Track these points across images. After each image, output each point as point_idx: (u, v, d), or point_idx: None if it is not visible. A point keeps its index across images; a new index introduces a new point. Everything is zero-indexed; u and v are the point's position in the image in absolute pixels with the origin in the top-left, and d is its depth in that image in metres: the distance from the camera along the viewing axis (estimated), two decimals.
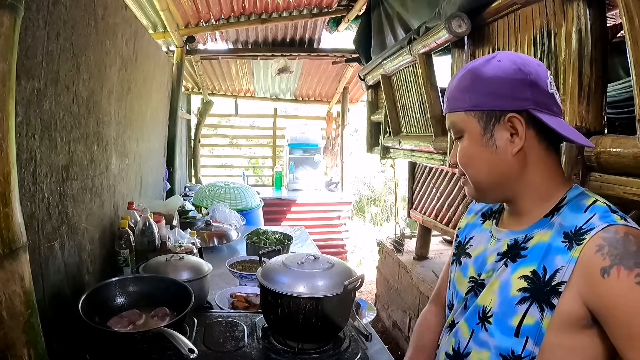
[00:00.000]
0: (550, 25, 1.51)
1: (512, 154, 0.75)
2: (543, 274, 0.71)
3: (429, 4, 2.45)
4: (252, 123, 7.31)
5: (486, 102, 0.76)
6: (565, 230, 0.71)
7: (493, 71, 0.75)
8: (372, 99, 3.83)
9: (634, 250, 0.64)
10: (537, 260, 0.73)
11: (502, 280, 0.76)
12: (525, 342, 0.72)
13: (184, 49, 4.02)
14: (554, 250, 0.71)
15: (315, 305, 1.24)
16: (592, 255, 0.66)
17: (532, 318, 0.71)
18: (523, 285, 0.73)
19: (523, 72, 0.74)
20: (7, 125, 0.83)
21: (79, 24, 1.40)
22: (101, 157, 1.71)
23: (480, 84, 0.76)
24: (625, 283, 0.63)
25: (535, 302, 0.71)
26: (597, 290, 0.66)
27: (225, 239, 2.54)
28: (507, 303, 0.74)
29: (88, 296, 1.28)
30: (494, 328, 0.76)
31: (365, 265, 5.55)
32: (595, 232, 0.68)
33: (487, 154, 0.77)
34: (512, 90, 0.74)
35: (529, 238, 0.76)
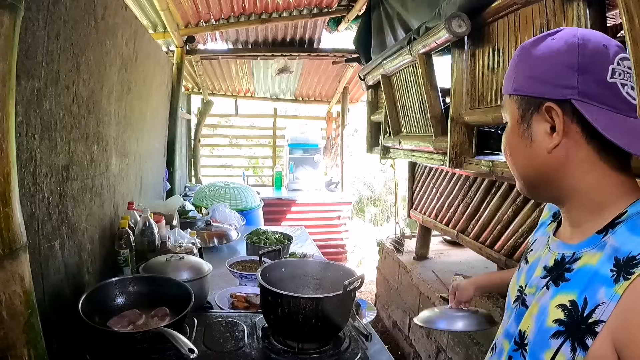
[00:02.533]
0: (550, 25, 1.51)
1: (547, 150, 0.64)
2: (582, 307, 0.58)
3: (429, 4, 2.45)
4: (252, 123, 7.31)
5: (527, 87, 0.66)
6: (618, 255, 0.57)
7: (542, 51, 0.65)
8: (372, 99, 3.83)
9: None
10: (580, 288, 0.60)
11: (541, 305, 0.66)
12: None
13: (184, 49, 4.02)
14: (600, 279, 0.58)
15: (315, 305, 1.24)
16: (636, 299, 0.53)
17: (563, 357, 0.59)
18: (559, 317, 0.61)
19: (574, 54, 0.62)
20: (7, 125, 0.83)
21: (79, 24, 1.40)
22: (101, 157, 1.71)
23: (525, 65, 0.67)
24: None
25: (570, 339, 0.59)
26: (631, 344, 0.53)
27: (225, 239, 2.54)
28: (542, 334, 0.63)
29: (88, 296, 1.28)
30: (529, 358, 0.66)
31: (365, 265, 5.55)
32: None
33: (523, 146, 0.68)
34: (555, 75, 0.63)
35: (576, 258, 0.64)
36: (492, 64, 1.90)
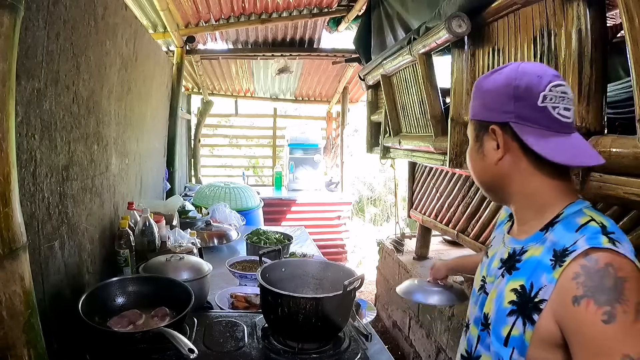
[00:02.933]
0: (550, 25, 1.51)
1: (494, 163, 0.81)
2: (530, 290, 0.74)
3: (429, 4, 2.45)
4: (252, 123, 7.32)
5: (479, 113, 0.84)
6: (555, 247, 0.73)
7: (488, 84, 0.82)
8: (372, 99, 3.82)
9: (609, 286, 0.65)
10: (527, 275, 0.76)
11: (499, 291, 0.81)
12: (512, 352, 0.76)
13: (184, 49, 4.02)
14: (542, 267, 0.73)
15: (315, 305, 1.24)
16: (569, 281, 0.68)
17: (517, 330, 0.74)
18: (512, 298, 0.76)
19: (511, 86, 0.78)
20: (7, 125, 0.83)
21: (79, 24, 1.40)
22: (101, 157, 1.71)
23: (478, 97, 0.84)
24: (593, 317, 0.65)
25: (521, 315, 0.74)
26: (567, 315, 0.68)
27: (225, 239, 2.54)
28: (500, 313, 0.78)
29: (88, 296, 1.28)
30: (492, 335, 0.80)
31: (365, 265, 5.55)
32: (576, 254, 0.69)
33: (479, 159, 0.85)
34: (498, 103, 0.79)
35: (524, 251, 0.80)
36: (492, 64, 1.90)
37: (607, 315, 0.64)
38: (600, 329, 0.64)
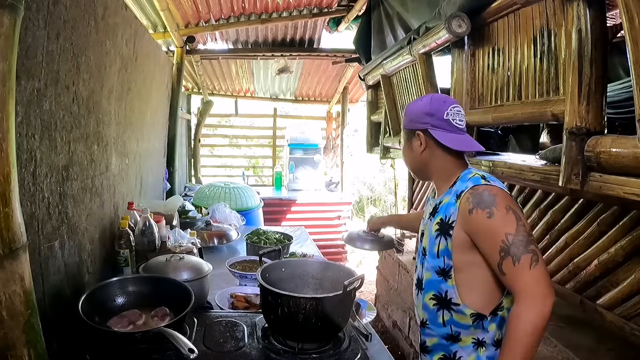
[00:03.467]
0: (550, 25, 1.51)
1: (420, 153, 1.27)
2: (445, 219, 1.17)
3: (429, 4, 2.45)
4: (252, 123, 7.32)
5: (408, 124, 1.29)
6: (456, 193, 1.17)
7: (412, 107, 1.30)
8: (372, 99, 3.83)
9: (486, 199, 1.10)
10: (443, 213, 1.19)
11: (428, 228, 1.25)
12: (443, 260, 1.17)
13: (184, 49, 4.02)
14: (450, 205, 1.17)
15: (315, 305, 1.24)
16: (464, 203, 1.13)
17: (442, 245, 1.17)
18: (437, 228, 1.20)
19: (425, 108, 1.24)
20: (7, 125, 0.83)
21: (79, 24, 1.40)
22: (101, 157, 1.71)
23: (407, 114, 1.30)
24: (481, 217, 1.09)
25: (443, 234, 1.17)
26: (467, 222, 1.12)
27: (225, 239, 2.54)
28: (431, 239, 1.22)
29: (88, 296, 1.28)
30: (428, 256, 1.23)
31: (365, 265, 5.55)
32: (467, 189, 1.14)
33: (410, 153, 1.31)
34: (419, 118, 1.25)
35: (440, 201, 1.23)
36: (492, 64, 1.90)
37: (488, 214, 1.08)
38: (487, 222, 1.08)
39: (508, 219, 1.06)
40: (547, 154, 1.67)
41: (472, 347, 1.16)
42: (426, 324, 1.24)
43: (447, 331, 1.18)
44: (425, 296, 1.23)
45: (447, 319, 1.17)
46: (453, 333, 1.17)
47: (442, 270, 1.17)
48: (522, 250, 1.03)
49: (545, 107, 1.53)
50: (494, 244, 1.06)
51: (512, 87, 1.75)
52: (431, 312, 1.21)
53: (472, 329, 1.15)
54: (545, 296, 1.01)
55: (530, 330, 1.00)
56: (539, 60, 1.58)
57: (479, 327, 1.14)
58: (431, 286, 1.20)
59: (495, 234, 1.06)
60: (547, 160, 1.66)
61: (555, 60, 1.49)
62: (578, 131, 1.33)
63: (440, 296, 1.18)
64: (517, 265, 1.03)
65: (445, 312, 1.18)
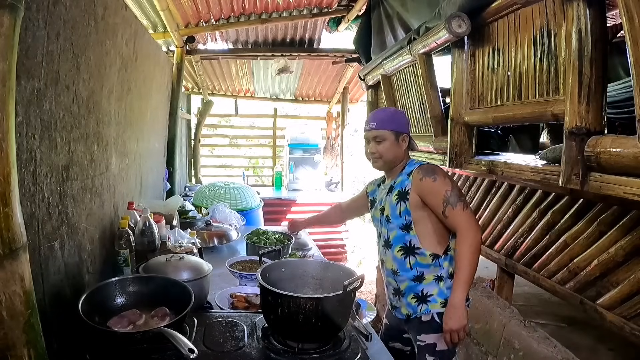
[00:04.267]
0: (550, 25, 1.51)
1: (403, 149, 1.67)
2: (403, 189, 1.60)
3: (429, 4, 2.45)
4: (252, 123, 7.32)
5: (398, 128, 1.66)
6: (407, 172, 1.62)
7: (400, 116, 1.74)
8: (372, 99, 3.83)
9: (431, 170, 1.57)
10: (399, 187, 1.62)
11: (388, 200, 1.65)
12: (405, 218, 1.59)
13: (184, 49, 4.02)
14: (404, 181, 1.61)
15: (315, 305, 1.24)
16: (416, 175, 1.58)
17: (402, 207, 1.59)
18: (396, 197, 1.61)
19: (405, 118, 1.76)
20: (7, 125, 0.83)
21: (79, 24, 1.40)
22: (101, 157, 1.71)
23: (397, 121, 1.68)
24: (429, 181, 1.55)
25: (402, 200, 1.59)
26: (419, 187, 1.56)
27: (225, 239, 2.54)
28: (392, 206, 1.62)
29: (88, 296, 1.28)
30: (392, 219, 1.63)
31: (365, 265, 5.55)
32: (417, 167, 1.61)
33: (396, 149, 1.66)
34: (405, 124, 1.70)
35: (395, 182, 1.65)
36: (492, 64, 1.90)
37: (433, 179, 1.54)
38: (433, 184, 1.54)
39: (446, 182, 1.54)
40: (547, 154, 1.67)
41: (434, 282, 1.58)
42: (397, 272, 1.62)
43: (414, 273, 1.58)
44: (394, 249, 1.62)
45: (413, 262, 1.58)
46: (418, 274, 1.58)
47: (405, 226, 1.59)
48: (456, 200, 1.51)
49: (545, 107, 1.53)
50: (438, 198, 1.52)
51: (512, 87, 1.75)
52: (400, 261, 1.61)
53: (432, 267, 1.57)
54: (476, 229, 1.51)
55: (472, 249, 1.48)
56: (539, 60, 1.58)
57: (437, 265, 1.57)
58: (398, 240, 1.61)
59: (439, 191, 1.52)
60: (547, 160, 1.66)
61: (555, 60, 1.49)
62: (578, 131, 1.33)
63: (406, 246, 1.59)
64: (455, 209, 1.50)
65: (411, 257, 1.59)
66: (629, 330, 1.56)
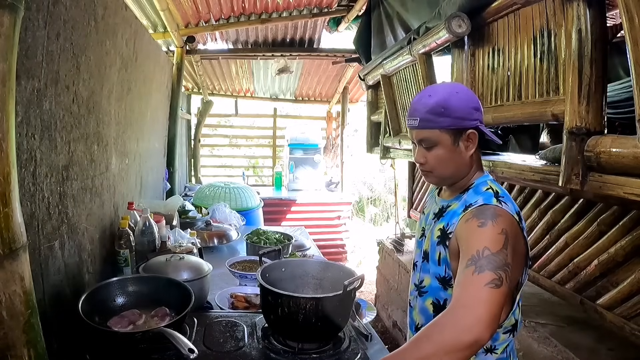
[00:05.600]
0: (550, 25, 1.51)
1: (468, 157, 1.12)
2: (446, 227, 1.12)
3: (429, 4, 2.45)
4: (252, 123, 7.31)
5: (455, 123, 1.08)
6: (465, 204, 1.10)
7: (458, 102, 1.08)
8: (372, 99, 3.83)
9: (488, 213, 1.02)
10: (446, 220, 1.13)
11: (431, 232, 1.18)
12: (444, 268, 1.12)
13: (184, 49, 4.02)
14: (455, 215, 1.10)
15: (315, 305, 1.24)
16: (467, 214, 1.06)
17: (442, 254, 1.12)
18: (438, 234, 1.14)
19: (473, 101, 1.11)
20: (7, 125, 0.83)
21: (79, 24, 1.40)
22: (101, 157, 1.71)
23: (451, 111, 1.07)
24: (473, 225, 1.02)
25: (442, 244, 1.12)
26: (460, 230, 1.06)
27: (225, 239, 2.54)
28: (433, 246, 1.16)
29: (88, 296, 1.28)
30: (430, 261, 1.17)
31: (365, 265, 5.55)
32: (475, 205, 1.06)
33: (455, 156, 1.12)
34: (469, 115, 1.09)
35: (448, 205, 1.17)
36: (492, 64, 1.90)
37: (481, 224, 1.00)
38: (477, 230, 1.00)
39: (497, 238, 0.96)
40: (547, 154, 1.67)
41: None
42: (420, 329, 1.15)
43: None
44: (426, 301, 1.19)
45: None
46: None
47: (443, 279, 1.12)
48: (490, 267, 0.92)
49: (545, 107, 1.53)
50: (469, 249, 0.98)
51: (512, 87, 1.75)
52: (429, 317, 1.16)
53: None
54: (480, 321, 0.84)
55: (446, 346, 0.84)
56: (539, 60, 1.58)
57: None
58: (433, 292, 1.17)
59: (476, 242, 0.97)
60: (547, 160, 1.66)
61: (555, 60, 1.49)
62: (578, 131, 1.33)
63: (439, 304, 1.15)
64: (474, 276, 0.91)
65: None
66: (629, 330, 1.56)
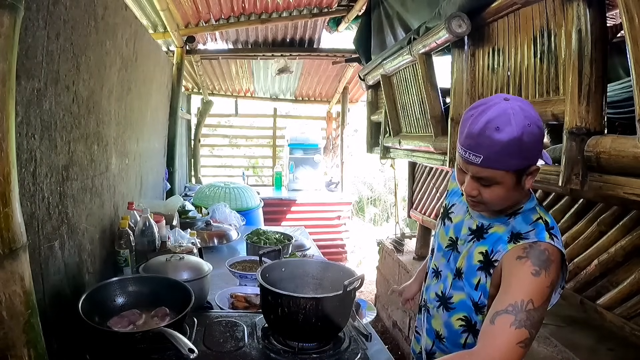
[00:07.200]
0: (550, 25, 1.51)
1: (527, 189, 1.07)
2: (490, 253, 1.08)
3: (429, 4, 2.45)
4: (252, 123, 7.31)
5: (524, 163, 1.00)
6: (513, 231, 1.06)
7: (530, 138, 0.97)
8: (372, 99, 3.82)
9: (543, 259, 0.99)
10: (490, 243, 1.09)
11: (470, 252, 1.13)
12: (480, 294, 1.10)
13: (184, 49, 4.02)
14: (501, 241, 1.06)
15: (315, 305, 1.24)
16: (519, 249, 1.02)
17: (482, 280, 1.09)
18: (480, 259, 1.10)
19: (542, 132, 1.01)
20: (7, 125, 0.83)
21: (79, 24, 1.40)
22: (101, 157, 1.71)
23: (525, 152, 0.98)
24: (527, 268, 0.98)
25: (484, 271, 1.09)
26: (510, 265, 1.02)
27: (225, 239, 2.54)
28: (471, 268, 1.12)
29: (88, 296, 1.28)
30: (465, 282, 1.13)
31: (365, 265, 5.55)
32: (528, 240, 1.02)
33: (515, 193, 1.06)
34: (538, 150, 1.02)
35: (491, 226, 1.12)
36: (492, 64, 1.90)
37: (535, 272, 0.97)
38: (529, 277, 0.97)
39: (544, 292, 0.96)
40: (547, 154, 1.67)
41: None
42: (442, 339, 1.20)
43: None
44: (453, 316, 1.16)
45: (470, 342, 1.14)
46: None
47: (476, 304, 1.10)
48: (527, 324, 0.93)
49: (545, 107, 1.53)
50: (514, 295, 0.96)
51: (512, 87, 1.75)
52: (454, 332, 1.17)
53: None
54: None
55: None
56: (539, 60, 1.58)
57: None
58: (462, 309, 1.14)
59: (523, 289, 0.96)
60: None
61: (555, 60, 1.49)
62: (578, 131, 1.33)
63: (470, 322, 1.13)
64: (511, 329, 0.92)
65: (470, 336, 1.14)
66: (629, 330, 1.57)
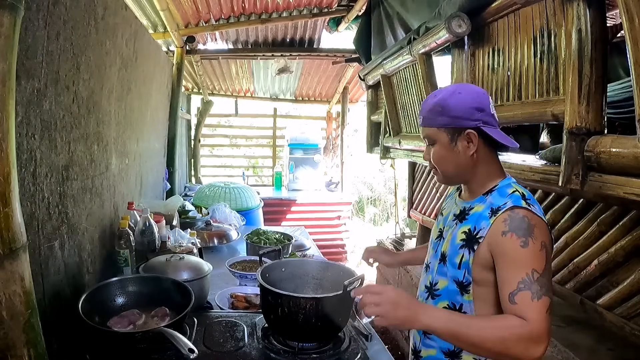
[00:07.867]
0: (550, 25, 1.51)
1: (469, 156, 1.11)
2: (473, 231, 1.09)
3: (429, 4, 2.45)
4: (252, 123, 7.31)
5: (452, 123, 1.10)
6: (492, 206, 1.08)
7: (456, 102, 1.10)
8: (372, 99, 3.83)
9: (525, 227, 1.01)
10: (472, 223, 1.11)
11: (453, 234, 1.16)
12: (464, 272, 1.10)
13: (184, 49, 4.02)
14: (482, 217, 1.08)
15: (315, 305, 1.24)
16: (500, 223, 1.04)
17: (465, 257, 1.09)
18: (463, 237, 1.11)
19: (475, 102, 1.09)
20: (7, 125, 0.83)
21: (79, 24, 1.40)
22: (101, 157, 1.71)
23: (448, 111, 1.10)
24: (514, 243, 1.00)
25: (467, 247, 1.09)
26: (497, 243, 1.03)
27: (225, 239, 2.54)
28: (454, 247, 1.13)
29: (88, 296, 1.28)
30: (448, 264, 1.14)
31: (365, 265, 5.54)
32: (506, 208, 1.04)
33: (453, 155, 1.13)
34: (469, 115, 1.09)
35: (471, 207, 1.15)
36: (492, 64, 1.90)
37: (523, 243, 0.99)
38: (519, 250, 0.99)
39: (540, 256, 0.99)
40: (547, 154, 1.67)
41: None
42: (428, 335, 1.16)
43: (449, 347, 1.12)
44: (439, 304, 1.15)
45: None
46: (455, 349, 1.11)
47: (461, 283, 1.10)
48: (544, 291, 0.97)
49: (545, 107, 1.53)
50: (516, 273, 0.98)
51: (512, 87, 1.75)
52: None
53: None
54: (542, 340, 0.95)
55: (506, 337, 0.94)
56: (539, 60, 1.58)
57: None
58: (447, 295, 1.14)
59: (523, 265, 0.98)
60: (547, 160, 1.66)
61: (555, 60, 1.49)
62: (578, 131, 1.33)
63: (454, 308, 1.12)
64: (536, 301, 0.96)
65: None
66: (629, 330, 1.56)
